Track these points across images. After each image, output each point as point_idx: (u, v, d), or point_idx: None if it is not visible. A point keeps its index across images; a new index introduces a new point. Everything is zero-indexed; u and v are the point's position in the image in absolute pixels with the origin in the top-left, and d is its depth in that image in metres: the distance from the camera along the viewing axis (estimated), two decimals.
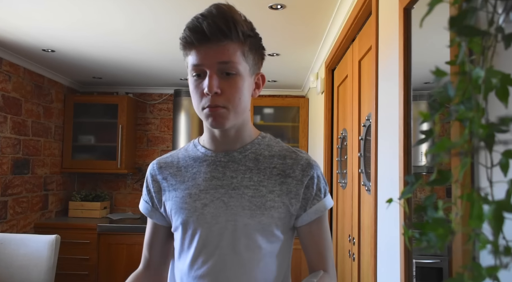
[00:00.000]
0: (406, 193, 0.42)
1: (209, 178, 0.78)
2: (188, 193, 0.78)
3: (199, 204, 0.77)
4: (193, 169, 0.80)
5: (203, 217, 0.76)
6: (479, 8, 0.36)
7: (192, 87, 0.74)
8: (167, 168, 0.83)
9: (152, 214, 0.85)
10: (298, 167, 0.79)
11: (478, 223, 0.32)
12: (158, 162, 0.85)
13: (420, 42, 0.91)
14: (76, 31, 2.18)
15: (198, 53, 0.71)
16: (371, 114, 1.28)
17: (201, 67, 0.71)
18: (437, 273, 0.84)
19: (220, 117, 0.72)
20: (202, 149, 0.81)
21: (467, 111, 0.34)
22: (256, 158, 0.80)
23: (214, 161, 0.79)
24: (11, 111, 2.71)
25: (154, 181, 0.84)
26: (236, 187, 0.77)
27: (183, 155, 0.83)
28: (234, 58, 0.71)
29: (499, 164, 0.33)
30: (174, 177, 0.81)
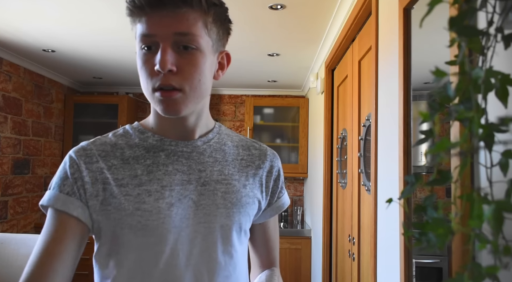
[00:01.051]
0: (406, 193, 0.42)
1: (172, 171, 0.63)
2: (145, 189, 0.61)
3: (163, 204, 0.61)
4: (146, 160, 0.64)
5: (170, 220, 0.61)
6: (479, 9, 0.36)
7: (140, 63, 0.59)
8: (107, 157, 0.63)
9: (74, 207, 0.60)
10: (266, 158, 0.72)
11: (478, 223, 0.32)
12: (89, 147, 0.64)
13: (420, 42, 0.91)
14: (76, 31, 2.18)
15: (149, 20, 0.57)
16: (371, 114, 1.28)
17: (152, 38, 0.57)
18: (437, 273, 0.84)
19: (174, 104, 0.58)
20: (156, 136, 0.65)
21: (466, 111, 0.34)
22: (221, 148, 0.69)
23: (175, 151, 0.65)
24: (11, 112, 2.71)
25: (88, 169, 0.62)
26: (206, 182, 0.65)
27: (126, 144, 0.65)
28: (194, 29, 0.58)
29: (498, 164, 0.33)
30: (119, 169, 0.62)
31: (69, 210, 0.60)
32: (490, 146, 0.34)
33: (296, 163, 3.40)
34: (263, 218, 0.74)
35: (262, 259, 0.78)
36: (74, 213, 0.60)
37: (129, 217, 0.60)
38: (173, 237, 0.61)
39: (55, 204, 0.60)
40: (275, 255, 0.79)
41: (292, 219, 3.55)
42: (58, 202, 0.60)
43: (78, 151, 0.63)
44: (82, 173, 0.62)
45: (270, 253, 0.79)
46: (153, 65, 0.58)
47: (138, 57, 0.60)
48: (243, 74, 3.13)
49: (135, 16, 0.59)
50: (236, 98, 3.71)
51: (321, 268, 2.41)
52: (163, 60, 0.56)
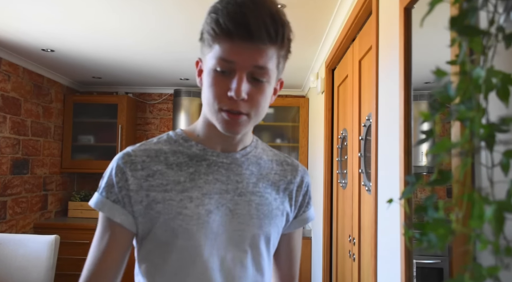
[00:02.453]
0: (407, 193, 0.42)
1: (212, 180, 0.68)
2: (187, 195, 0.66)
3: (202, 210, 0.65)
4: (189, 168, 0.68)
5: (208, 225, 0.65)
6: (480, 8, 0.36)
7: (210, 82, 0.62)
8: (152, 163, 0.67)
9: (118, 214, 0.65)
10: (298, 173, 0.77)
11: (479, 223, 0.32)
12: (134, 153, 0.68)
13: (420, 42, 0.90)
14: (75, 30, 2.17)
15: (232, 47, 0.59)
16: (372, 114, 1.28)
17: (231, 64, 0.60)
18: (437, 274, 0.84)
19: (237, 126, 0.63)
20: (199, 146, 0.70)
21: (467, 111, 0.34)
22: (257, 161, 0.73)
23: (216, 162, 0.69)
24: (10, 111, 2.70)
25: (134, 177, 0.65)
26: (242, 192, 0.69)
27: (170, 150, 0.69)
28: (270, 64, 0.62)
29: (500, 164, 0.33)
30: (163, 175, 0.67)
31: (114, 217, 0.66)
32: (491, 145, 0.34)
33: None
34: (288, 229, 0.77)
35: (282, 272, 0.80)
36: (118, 220, 0.66)
37: (171, 221, 0.65)
38: (210, 242, 0.66)
39: (102, 209, 0.66)
40: (295, 269, 0.80)
41: None
42: (105, 208, 0.66)
43: (124, 158, 0.68)
44: (127, 181, 0.66)
45: (291, 267, 0.80)
46: (225, 88, 0.61)
47: (208, 75, 0.63)
48: None
49: (218, 38, 0.60)
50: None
51: (321, 268, 2.41)
52: (239, 90, 0.60)
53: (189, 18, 1.97)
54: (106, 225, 0.67)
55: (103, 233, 0.67)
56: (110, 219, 0.66)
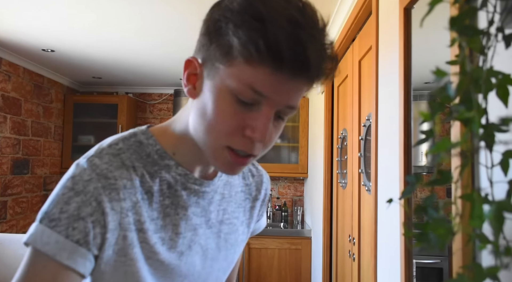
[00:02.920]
0: (407, 193, 0.42)
1: (189, 215, 0.55)
2: (160, 236, 0.52)
3: (174, 253, 0.54)
4: (165, 199, 0.53)
5: (178, 269, 0.54)
6: (480, 8, 0.36)
7: (225, 110, 0.46)
8: (132, 190, 0.51)
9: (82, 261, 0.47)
10: (262, 186, 0.67)
11: (479, 223, 0.32)
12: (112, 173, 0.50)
13: (420, 42, 0.91)
14: (75, 31, 2.18)
15: (273, 80, 0.44)
16: (371, 114, 1.28)
17: (261, 99, 0.45)
18: (437, 273, 0.84)
19: (241, 169, 0.51)
20: (179, 169, 0.54)
21: (467, 111, 0.34)
22: (228, 181, 0.62)
23: (197, 191, 0.56)
24: (10, 111, 2.71)
25: (114, 210, 0.49)
26: (213, 224, 0.59)
27: (143, 166, 0.52)
28: (299, 102, 0.49)
29: (499, 164, 0.33)
30: (142, 207, 0.51)
31: (76, 266, 0.46)
32: (491, 146, 0.34)
33: (296, 163, 3.39)
34: None
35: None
36: (81, 269, 0.46)
37: (140, 268, 0.51)
38: None
39: (57, 254, 0.45)
40: (233, 275, 0.73)
41: (292, 219, 3.56)
42: (63, 253, 0.45)
43: (100, 180, 0.48)
44: (105, 215, 0.47)
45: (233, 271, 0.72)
46: (241, 123, 0.46)
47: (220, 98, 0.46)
48: None
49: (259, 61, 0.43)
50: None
51: (321, 268, 2.41)
52: (265, 133, 0.46)
53: (189, 18, 1.97)
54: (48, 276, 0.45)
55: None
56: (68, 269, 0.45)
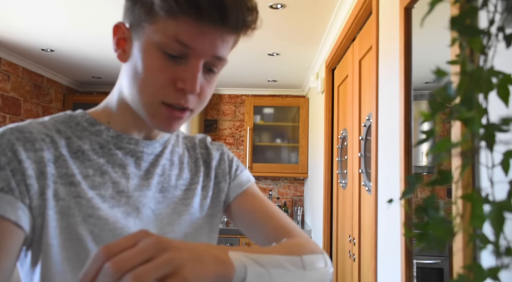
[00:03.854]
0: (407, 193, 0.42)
1: (129, 174, 0.55)
2: (98, 193, 0.51)
3: (118, 212, 0.52)
4: (100, 158, 0.53)
5: (128, 231, 0.52)
6: (480, 8, 0.36)
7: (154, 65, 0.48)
8: (53, 144, 0.51)
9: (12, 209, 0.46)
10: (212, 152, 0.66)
11: (479, 223, 0.32)
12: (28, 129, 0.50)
13: (420, 42, 0.90)
14: (75, 30, 2.17)
15: (196, 30, 0.46)
16: (372, 114, 1.28)
17: (187, 49, 0.47)
18: (437, 274, 0.84)
19: (178, 124, 0.52)
20: (111, 131, 0.55)
21: (468, 111, 0.34)
22: (176, 150, 0.62)
23: (134, 151, 0.55)
24: (10, 111, 2.71)
25: (30, 159, 0.48)
26: (165, 188, 0.58)
27: (71, 132, 0.53)
28: (227, 53, 0.51)
29: (500, 164, 0.33)
30: (68, 162, 0.51)
31: (5, 213, 0.46)
32: (491, 146, 0.34)
33: (296, 163, 3.39)
34: (230, 198, 0.64)
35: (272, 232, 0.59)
36: (12, 216, 0.46)
37: (78, 225, 0.49)
38: None
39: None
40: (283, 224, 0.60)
41: (293, 219, 3.55)
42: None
43: (13, 133, 0.48)
44: (22, 163, 0.47)
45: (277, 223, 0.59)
46: (172, 77, 0.48)
47: (148, 54, 0.48)
48: (243, 74, 3.13)
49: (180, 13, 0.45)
50: (236, 98, 3.71)
51: None
52: (195, 83, 0.48)
53: None
54: None
55: None
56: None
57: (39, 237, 0.49)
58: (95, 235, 0.50)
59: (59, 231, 0.49)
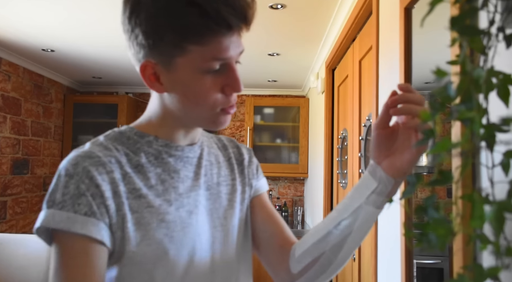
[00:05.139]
0: (407, 193, 0.42)
1: (183, 178, 0.61)
2: (164, 199, 0.57)
3: (183, 213, 0.58)
4: (157, 168, 0.59)
5: (192, 228, 0.58)
6: (480, 8, 0.36)
7: (204, 87, 0.54)
8: (119, 164, 0.57)
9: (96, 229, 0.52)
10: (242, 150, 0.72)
11: (479, 223, 0.32)
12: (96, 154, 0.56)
13: (421, 42, 0.90)
14: (75, 30, 2.17)
15: (225, 41, 0.52)
16: (372, 114, 1.28)
17: (223, 60, 0.53)
18: (438, 274, 0.84)
19: (230, 118, 0.59)
20: (160, 141, 0.60)
21: (468, 111, 0.34)
22: (210, 151, 0.68)
23: (181, 157, 0.62)
24: (10, 111, 2.71)
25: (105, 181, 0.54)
26: (210, 186, 0.64)
27: (126, 147, 0.59)
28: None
29: (500, 164, 0.33)
30: (134, 178, 0.57)
31: (91, 234, 0.51)
32: (492, 146, 0.34)
33: (297, 163, 3.39)
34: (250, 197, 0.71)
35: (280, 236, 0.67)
36: (98, 236, 0.51)
37: (155, 231, 0.55)
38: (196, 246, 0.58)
39: (72, 227, 0.51)
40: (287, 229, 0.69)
41: (293, 219, 3.55)
42: (76, 225, 0.51)
43: (85, 160, 0.54)
44: (100, 187, 0.53)
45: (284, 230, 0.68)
46: (221, 87, 0.55)
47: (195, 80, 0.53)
48: (244, 74, 3.13)
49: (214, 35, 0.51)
50: (237, 98, 3.71)
51: None
52: (240, 84, 0.55)
53: None
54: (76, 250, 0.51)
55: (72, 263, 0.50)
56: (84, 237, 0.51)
57: (120, 248, 0.54)
58: (169, 236, 0.56)
59: (140, 239, 0.54)
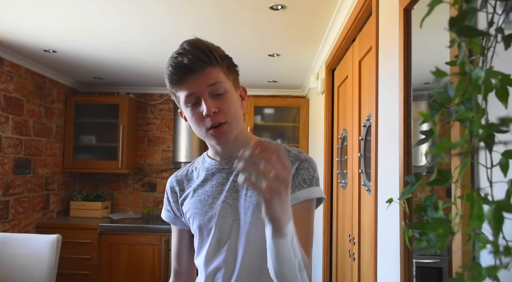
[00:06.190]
0: (406, 193, 0.42)
1: (215, 184, 0.89)
2: (198, 199, 0.89)
3: (208, 208, 0.88)
4: (202, 178, 0.91)
5: (213, 219, 0.86)
6: (479, 9, 0.36)
7: (190, 116, 0.81)
8: (183, 180, 0.95)
9: (175, 221, 0.96)
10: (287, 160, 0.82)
11: (478, 223, 0.32)
12: (175, 175, 0.97)
13: (420, 43, 0.91)
14: (77, 31, 2.18)
15: (187, 85, 0.78)
16: (371, 115, 1.28)
17: (193, 95, 0.79)
18: (437, 273, 0.84)
19: (225, 134, 0.81)
20: (208, 160, 0.92)
21: (467, 112, 0.34)
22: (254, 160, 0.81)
23: (219, 169, 0.90)
24: (12, 112, 2.71)
25: (172, 192, 0.95)
26: (238, 189, 0.87)
27: (195, 168, 0.96)
28: (219, 78, 0.79)
29: (499, 164, 0.33)
30: (188, 187, 0.93)
31: (174, 224, 0.97)
32: (490, 146, 0.34)
33: None
34: None
35: None
36: (177, 225, 0.97)
37: (192, 218, 0.90)
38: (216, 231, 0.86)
39: (167, 219, 0.97)
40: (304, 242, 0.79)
41: None
42: (167, 218, 0.97)
43: (170, 178, 0.98)
44: (178, 197, 0.94)
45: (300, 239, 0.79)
46: (200, 113, 0.79)
47: (186, 113, 0.83)
48: (244, 75, 3.13)
49: (176, 86, 0.80)
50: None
51: (321, 268, 2.41)
52: (208, 107, 0.78)
53: (190, 18, 1.98)
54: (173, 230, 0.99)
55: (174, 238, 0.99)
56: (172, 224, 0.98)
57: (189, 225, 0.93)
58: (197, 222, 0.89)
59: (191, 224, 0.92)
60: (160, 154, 3.65)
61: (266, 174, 0.59)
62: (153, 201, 3.62)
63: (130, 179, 3.63)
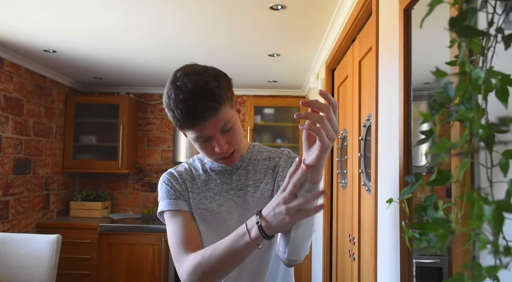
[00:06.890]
0: (406, 193, 0.42)
1: (220, 183, 0.94)
2: (203, 195, 0.93)
3: (215, 205, 0.92)
4: (204, 177, 0.95)
5: (220, 215, 0.91)
6: (479, 9, 0.36)
7: (199, 148, 0.86)
8: (183, 175, 0.96)
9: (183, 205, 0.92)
10: (282, 158, 0.97)
11: (478, 223, 0.32)
12: (174, 169, 0.97)
13: (420, 43, 0.91)
14: (77, 31, 2.18)
15: (199, 129, 0.80)
16: (371, 115, 1.28)
17: (205, 137, 0.82)
18: (437, 273, 0.84)
19: (233, 160, 0.88)
20: (209, 162, 0.96)
21: (467, 112, 0.34)
22: (252, 162, 0.96)
23: (221, 171, 0.95)
24: (12, 112, 2.71)
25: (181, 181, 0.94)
26: (241, 187, 0.93)
27: (192, 168, 0.97)
28: (227, 117, 0.81)
29: (499, 164, 0.33)
30: (190, 182, 0.95)
31: (181, 208, 0.92)
32: (491, 146, 0.34)
33: None
34: None
35: None
36: (185, 208, 0.92)
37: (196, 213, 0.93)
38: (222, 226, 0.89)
39: (171, 207, 0.91)
40: None
41: None
42: (172, 206, 0.91)
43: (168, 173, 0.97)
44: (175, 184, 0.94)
45: None
46: (211, 148, 0.84)
47: (195, 143, 0.86)
48: (244, 75, 3.13)
49: (186, 128, 0.82)
50: (237, 99, 3.71)
51: (321, 268, 2.41)
52: (221, 147, 0.82)
53: (190, 18, 1.98)
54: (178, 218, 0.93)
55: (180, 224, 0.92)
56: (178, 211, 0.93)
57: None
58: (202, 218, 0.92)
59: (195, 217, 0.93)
60: (160, 153, 3.65)
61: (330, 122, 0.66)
62: (153, 201, 3.62)
63: (130, 179, 3.62)
